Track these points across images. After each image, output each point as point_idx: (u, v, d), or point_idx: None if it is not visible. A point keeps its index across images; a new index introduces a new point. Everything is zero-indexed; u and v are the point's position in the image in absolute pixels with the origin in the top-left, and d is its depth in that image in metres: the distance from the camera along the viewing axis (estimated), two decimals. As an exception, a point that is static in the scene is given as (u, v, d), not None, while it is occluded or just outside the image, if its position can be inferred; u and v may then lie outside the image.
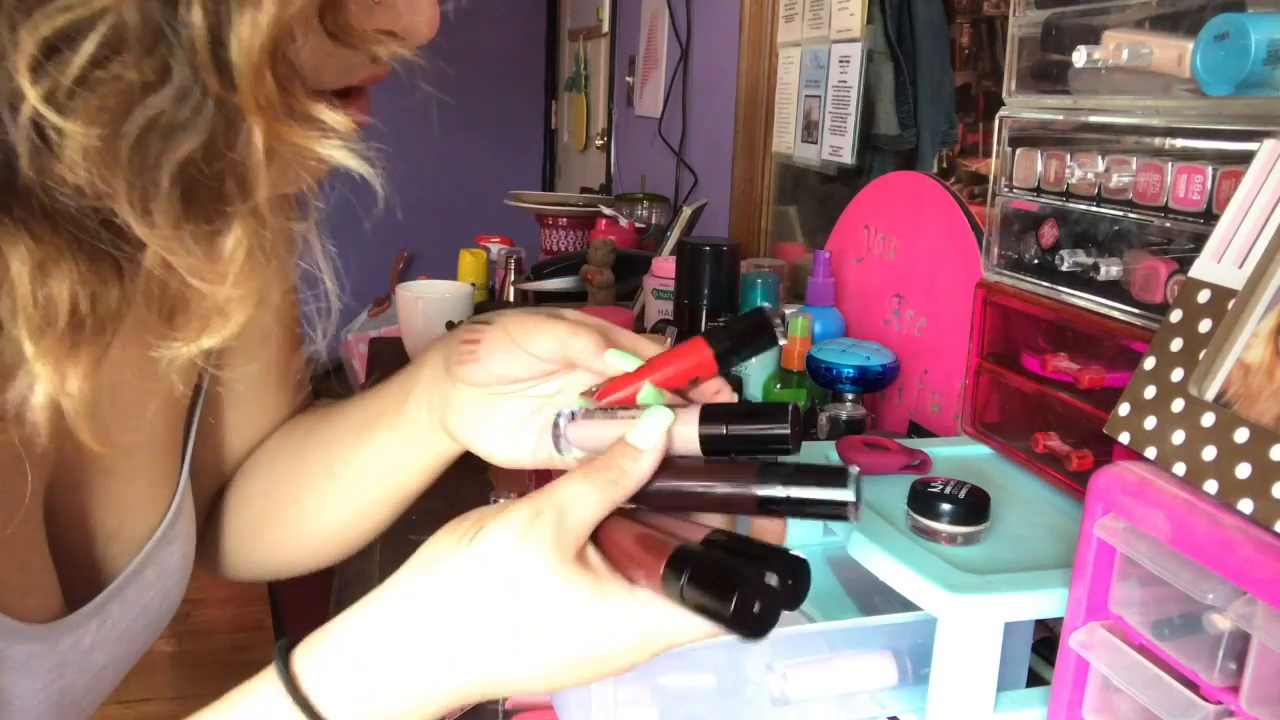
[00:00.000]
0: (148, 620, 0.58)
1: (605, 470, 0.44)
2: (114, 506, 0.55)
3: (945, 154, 1.20)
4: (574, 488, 0.44)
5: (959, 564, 0.57)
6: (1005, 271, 0.74)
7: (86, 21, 0.32)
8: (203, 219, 0.36)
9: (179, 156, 0.34)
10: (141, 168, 0.34)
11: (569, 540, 0.43)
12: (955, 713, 0.55)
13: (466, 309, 1.61)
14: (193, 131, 0.34)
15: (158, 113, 0.34)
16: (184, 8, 0.32)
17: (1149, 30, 0.61)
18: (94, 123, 0.33)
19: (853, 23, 1.37)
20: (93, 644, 0.52)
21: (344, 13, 0.37)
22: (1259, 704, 0.42)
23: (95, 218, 0.36)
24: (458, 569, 0.43)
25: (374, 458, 0.61)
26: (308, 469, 0.65)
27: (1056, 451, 0.68)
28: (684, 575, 0.40)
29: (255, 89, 0.34)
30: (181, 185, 0.35)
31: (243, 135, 0.35)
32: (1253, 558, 0.40)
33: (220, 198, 0.36)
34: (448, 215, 3.37)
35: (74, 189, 0.35)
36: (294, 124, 0.36)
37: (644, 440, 0.45)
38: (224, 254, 0.37)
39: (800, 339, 1.10)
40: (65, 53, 0.32)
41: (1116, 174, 0.62)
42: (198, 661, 2.36)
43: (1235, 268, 0.47)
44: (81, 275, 0.37)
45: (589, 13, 3.04)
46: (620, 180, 2.78)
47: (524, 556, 0.42)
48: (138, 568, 0.56)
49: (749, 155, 1.75)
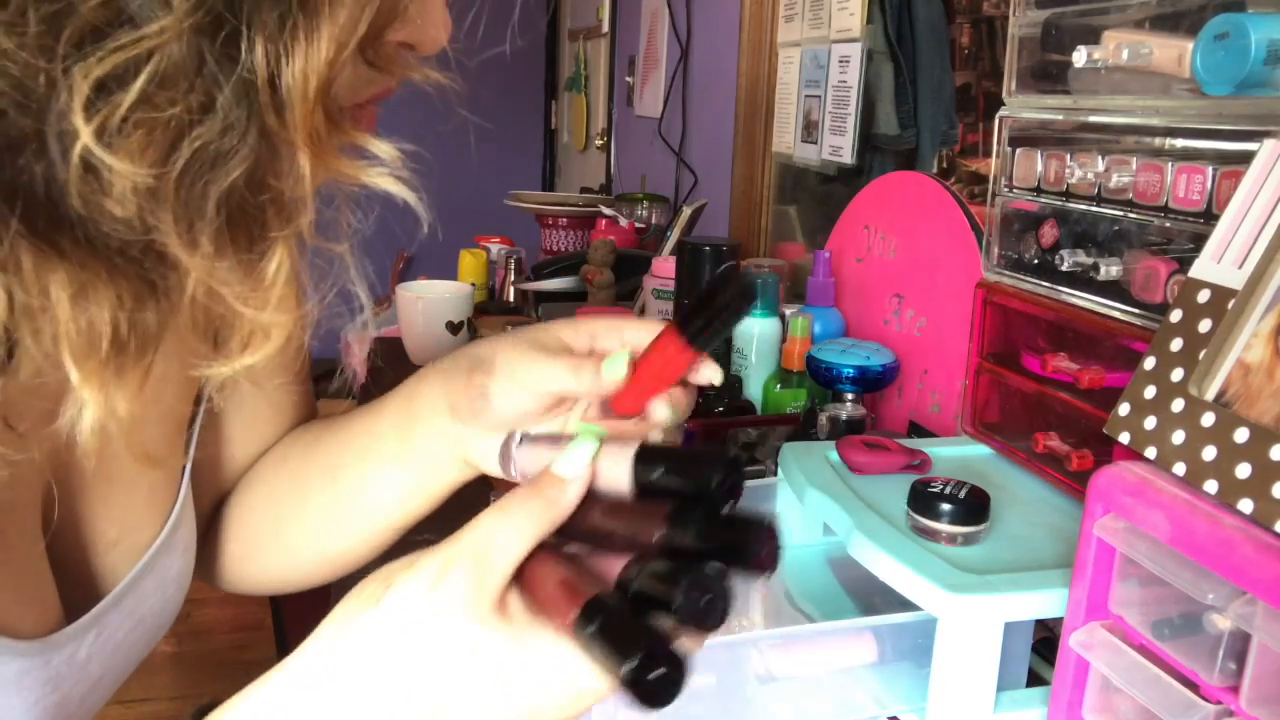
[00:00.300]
0: (145, 629, 0.57)
1: (528, 502, 0.42)
2: (114, 515, 0.55)
3: (945, 154, 1.19)
4: (493, 527, 0.41)
5: (959, 564, 0.57)
6: (1005, 271, 0.74)
7: (137, 60, 0.32)
8: (246, 245, 0.37)
9: (224, 187, 0.35)
10: (188, 199, 0.35)
11: (487, 589, 0.40)
12: (955, 713, 0.55)
13: (466, 309, 1.61)
14: (237, 161, 0.35)
15: (203, 145, 0.34)
16: (245, 47, 0.33)
17: (1149, 30, 0.61)
18: (143, 159, 0.33)
19: (853, 23, 1.37)
20: (89, 656, 0.52)
21: (384, 43, 0.38)
22: (1259, 704, 0.42)
23: (138, 246, 0.36)
24: (364, 631, 0.40)
25: (385, 492, 0.61)
26: (310, 496, 0.64)
27: (1056, 451, 0.68)
28: (591, 627, 0.38)
29: (306, 123, 0.34)
30: (226, 214, 0.35)
31: (289, 165, 0.35)
32: (1253, 558, 0.40)
33: (264, 224, 0.37)
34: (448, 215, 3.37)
35: (123, 223, 0.35)
36: (341, 154, 0.37)
37: (568, 469, 0.43)
38: (267, 278, 0.37)
39: (800, 339, 1.10)
40: (116, 91, 0.32)
41: (1116, 174, 0.62)
42: (198, 661, 2.36)
43: (1235, 268, 0.47)
44: (121, 299, 0.37)
45: (589, 13, 3.04)
46: (620, 180, 2.78)
47: (435, 612, 0.40)
48: (136, 577, 0.55)
49: (749, 155, 1.75)
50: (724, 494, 0.41)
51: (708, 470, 0.41)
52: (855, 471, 0.70)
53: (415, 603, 0.40)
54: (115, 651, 0.54)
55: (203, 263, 0.36)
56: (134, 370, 0.38)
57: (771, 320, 1.15)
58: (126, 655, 0.56)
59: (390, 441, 0.60)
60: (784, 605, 0.69)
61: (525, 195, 2.31)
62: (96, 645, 0.52)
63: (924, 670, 0.57)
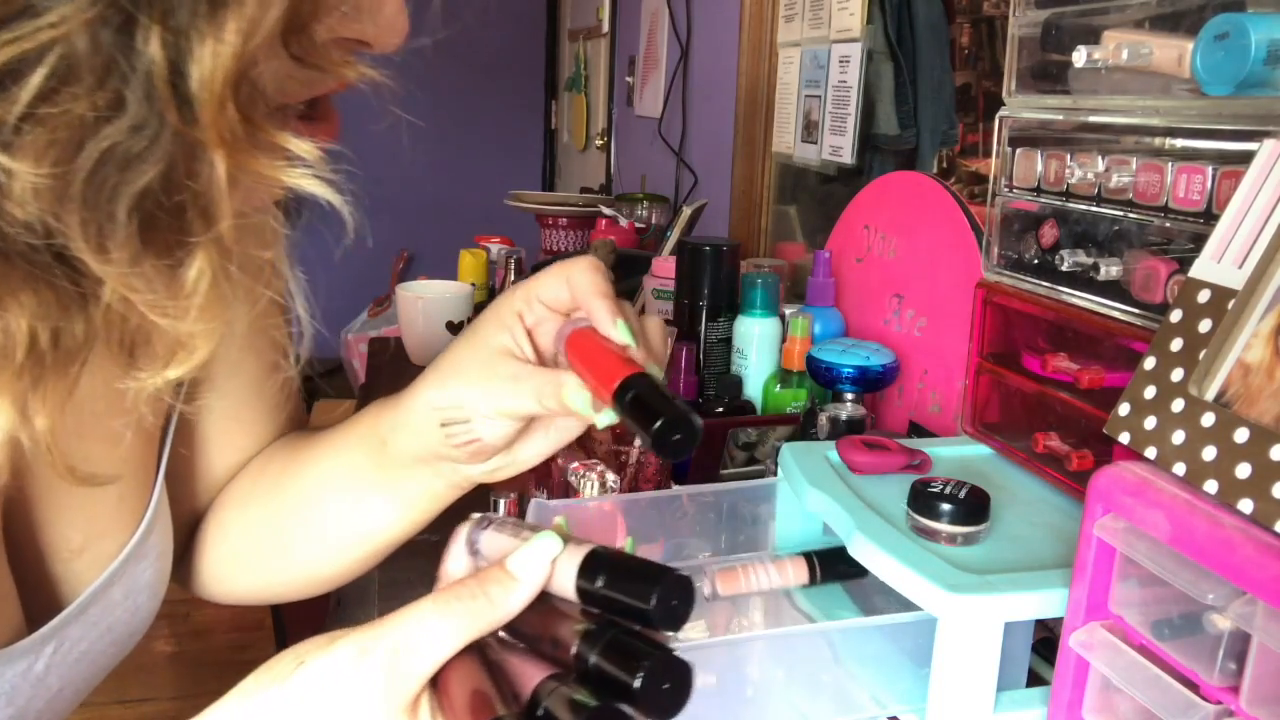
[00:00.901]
0: (114, 638, 0.55)
1: (469, 599, 0.39)
2: (79, 522, 0.52)
3: (945, 154, 1.20)
4: (425, 621, 0.38)
5: (959, 564, 0.57)
6: (1005, 271, 0.74)
7: (34, 54, 0.30)
8: (163, 251, 0.35)
9: (135, 189, 0.33)
10: (96, 202, 0.33)
11: (402, 690, 0.38)
12: (955, 713, 0.55)
13: (466, 309, 1.61)
14: (150, 163, 0.32)
15: (111, 145, 0.32)
16: (140, 38, 0.31)
17: (1149, 30, 0.61)
18: (43, 159, 0.31)
19: (853, 23, 1.37)
20: (48, 668, 0.49)
21: (308, 36, 0.35)
22: (1259, 704, 0.42)
23: (48, 252, 0.34)
24: (267, 707, 0.38)
25: (373, 521, 0.60)
26: (290, 527, 0.63)
27: (1056, 451, 0.68)
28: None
29: (217, 121, 0.32)
30: (139, 218, 0.33)
31: (204, 166, 0.33)
32: (1253, 558, 0.40)
33: (181, 229, 0.34)
34: (448, 215, 3.37)
35: (24, 226, 0.33)
36: (258, 153, 0.34)
37: (523, 569, 0.40)
38: (186, 286, 0.35)
39: (800, 339, 1.10)
40: (11, 86, 0.30)
41: (1116, 174, 0.62)
42: (198, 661, 2.36)
43: (1235, 268, 0.47)
44: (39, 309, 0.35)
45: (589, 13, 3.04)
46: (620, 180, 2.78)
47: (343, 699, 0.37)
48: (102, 586, 0.53)
49: (749, 155, 1.75)
50: (663, 616, 0.38)
51: (649, 589, 0.38)
52: (855, 471, 0.70)
53: (324, 687, 0.38)
54: (78, 663, 0.52)
55: (115, 270, 0.34)
56: (55, 382, 0.36)
57: (771, 320, 1.16)
58: (91, 666, 0.54)
59: (369, 473, 0.59)
60: (784, 605, 0.69)
61: (525, 195, 2.31)
62: (56, 657, 0.50)
63: (924, 670, 0.57)
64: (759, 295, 1.15)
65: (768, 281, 1.16)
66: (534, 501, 0.69)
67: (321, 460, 0.61)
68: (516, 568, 0.40)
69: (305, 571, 0.64)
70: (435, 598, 0.39)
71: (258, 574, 0.65)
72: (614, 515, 0.72)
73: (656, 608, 0.38)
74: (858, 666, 0.59)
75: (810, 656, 0.59)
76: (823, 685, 0.59)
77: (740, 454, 1.05)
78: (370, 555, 0.62)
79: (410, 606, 0.39)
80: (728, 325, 1.19)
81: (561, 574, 0.40)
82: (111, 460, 0.53)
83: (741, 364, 1.16)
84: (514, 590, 0.40)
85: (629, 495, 0.76)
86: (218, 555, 0.66)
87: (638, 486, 0.93)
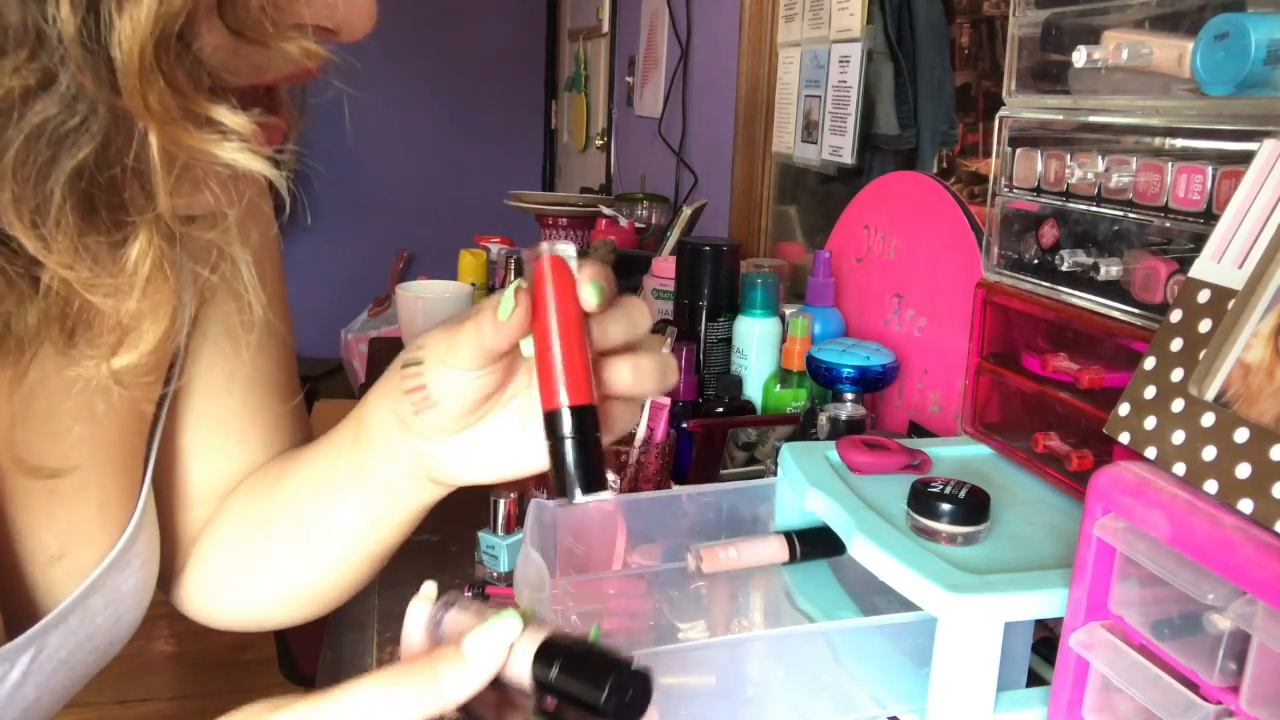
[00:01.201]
0: (94, 646, 0.54)
1: (418, 678, 0.37)
2: (58, 528, 0.51)
3: (945, 154, 1.20)
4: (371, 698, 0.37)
5: (959, 564, 0.57)
6: (1005, 271, 0.74)
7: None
8: (103, 230, 0.34)
9: (71, 166, 0.32)
10: (29, 179, 0.32)
11: None
12: (955, 713, 0.55)
13: (466, 309, 1.61)
14: (84, 139, 0.32)
15: (43, 120, 0.31)
16: (52, 4, 0.30)
17: (1149, 30, 0.61)
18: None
19: (853, 23, 1.37)
20: (24, 676, 0.48)
21: (244, 8, 0.34)
22: (1259, 704, 0.42)
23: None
24: None
25: (349, 523, 0.58)
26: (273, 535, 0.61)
27: (1056, 451, 0.68)
28: None
29: (143, 91, 0.31)
30: (76, 196, 0.33)
31: (137, 141, 0.33)
32: (1253, 558, 0.40)
33: (121, 207, 0.34)
34: (448, 215, 3.37)
35: None
36: (190, 127, 0.33)
37: (477, 652, 0.38)
38: (129, 266, 0.34)
39: (800, 339, 1.10)
40: None
41: (1116, 174, 0.62)
42: (198, 661, 2.36)
43: (1235, 268, 0.47)
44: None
45: (589, 13, 3.04)
46: (620, 180, 2.78)
47: None
48: (82, 595, 0.52)
49: (749, 155, 1.75)
50: (616, 710, 0.37)
51: (601, 681, 0.37)
52: (855, 471, 0.70)
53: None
54: (57, 671, 0.51)
55: (53, 249, 0.33)
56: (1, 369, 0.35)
57: (771, 320, 1.16)
58: (70, 674, 0.53)
59: (347, 471, 0.57)
60: (784, 605, 0.69)
61: (525, 195, 2.31)
62: (34, 665, 0.49)
63: (924, 670, 0.57)
64: (759, 295, 1.15)
65: (768, 281, 1.16)
66: (534, 501, 0.69)
67: (312, 460, 0.61)
68: (471, 650, 0.38)
69: (286, 584, 0.62)
70: (385, 674, 0.38)
71: (243, 593, 0.64)
72: (614, 515, 0.72)
73: (609, 701, 0.37)
74: (858, 666, 0.59)
75: (810, 656, 0.59)
76: (823, 685, 0.59)
77: (740, 454, 1.05)
78: (348, 564, 0.60)
79: (359, 680, 0.37)
80: (728, 325, 1.19)
81: (519, 658, 0.39)
82: (60, 454, 0.51)
83: (741, 364, 1.16)
84: (466, 673, 0.38)
85: (629, 495, 0.76)
86: (206, 576, 0.65)
87: (638, 486, 0.93)
